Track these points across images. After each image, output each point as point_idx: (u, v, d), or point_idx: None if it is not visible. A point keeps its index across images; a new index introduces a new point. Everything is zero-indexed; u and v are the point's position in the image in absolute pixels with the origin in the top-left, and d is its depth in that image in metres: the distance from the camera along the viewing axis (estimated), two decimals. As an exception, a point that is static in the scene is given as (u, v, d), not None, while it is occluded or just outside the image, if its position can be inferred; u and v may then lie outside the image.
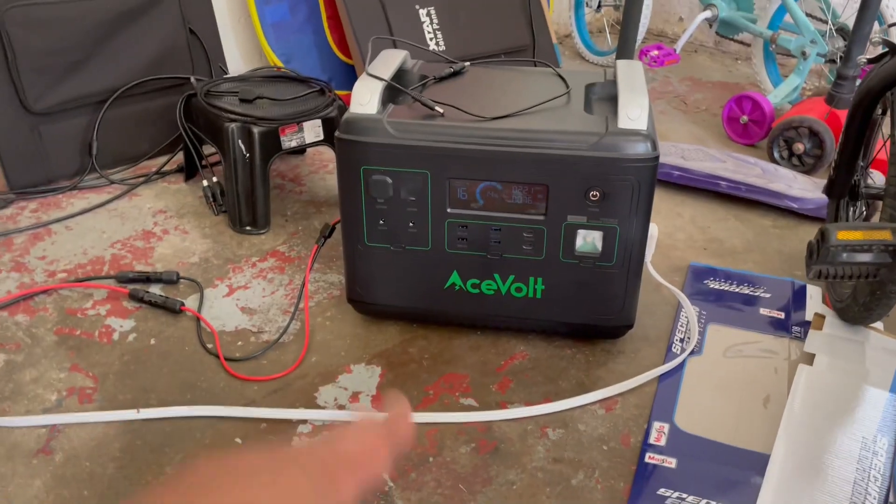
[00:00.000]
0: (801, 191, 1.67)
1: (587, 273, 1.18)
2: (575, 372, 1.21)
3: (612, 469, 1.03)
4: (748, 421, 1.10)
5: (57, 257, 1.51)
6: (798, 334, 1.28)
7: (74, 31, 1.74)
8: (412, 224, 1.18)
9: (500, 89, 1.27)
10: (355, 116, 1.15)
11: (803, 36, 2.05)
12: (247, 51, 2.26)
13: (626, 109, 1.11)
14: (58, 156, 1.78)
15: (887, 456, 1.02)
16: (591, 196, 1.11)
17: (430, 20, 2.18)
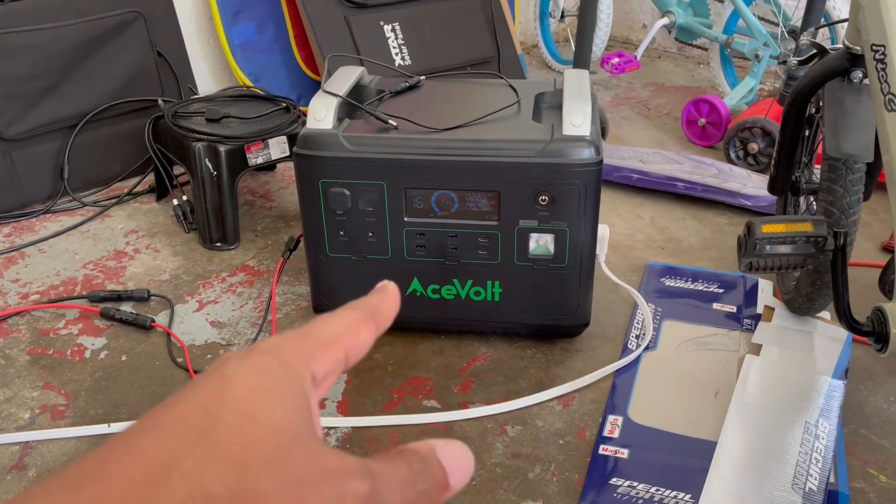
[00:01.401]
0: (754, 189, 1.73)
1: (542, 275, 1.22)
2: (534, 371, 1.26)
3: (567, 462, 1.07)
4: (699, 411, 1.15)
5: (30, 279, 1.54)
6: (749, 327, 1.33)
7: (44, 57, 1.78)
8: (371, 234, 1.22)
9: (453, 101, 1.32)
10: (312, 132, 1.19)
11: (756, 39, 2.11)
12: (216, 71, 2.30)
13: (571, 117, 1.16)
14: (30, 180, 1.81)
15: (829, 439, 1.06)
16: (541, 201, 1.16)
17: (395, 35, 2.23)
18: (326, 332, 0.27)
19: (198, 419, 0.22)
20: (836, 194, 1.11)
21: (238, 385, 0.23)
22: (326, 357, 0.26)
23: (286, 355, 0.24)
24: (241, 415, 0.22)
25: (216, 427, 0.21)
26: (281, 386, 0.23)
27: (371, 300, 0.29)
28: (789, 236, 0.96)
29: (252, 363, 0.24)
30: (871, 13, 1.00)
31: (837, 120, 1.09)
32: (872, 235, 1.65)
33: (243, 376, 0.23)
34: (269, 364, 0.24)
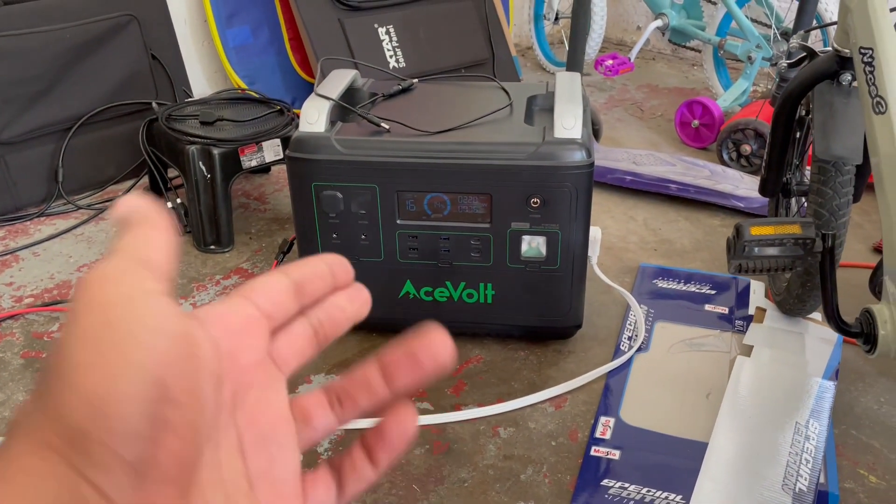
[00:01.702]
0: (747, 191, 1.74)
1: (534, 277, 1.23)
2: (527, 373, 1.26)
3: (559, 463, 1.08)
4: (690, 412, 1.15)
5: (24, 283, 1.54)
6: (741, 328, 1.34)
7: (39, 60, 1.78)
8: (364, 236, 1.23)
9: (446, 104, 1.33)
10: (304, 135, 1.19)
11: (749, 41, 2.12)
12: (211, 74, 2.31)
13: (562, 119, 1.16)
14: (25, 184, 1.81)
15: (819, 439, 1.07)
16: (533, 203, 1.17)
17: (389, 38, 2.24)
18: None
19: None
20: (825, 196, 1.12)
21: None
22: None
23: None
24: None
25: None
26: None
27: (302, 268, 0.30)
28: (778, 238, 0.97)
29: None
30: (858, 16, 1.01)
31: (827, 122, 1.10)
32: (864, 237, 1.66)
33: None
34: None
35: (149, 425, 0.21)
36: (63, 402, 0.21)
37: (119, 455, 0.21)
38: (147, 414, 0.21)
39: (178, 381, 0.22)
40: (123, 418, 0.21)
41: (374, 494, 1.03)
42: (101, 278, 0.23)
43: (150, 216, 0.26)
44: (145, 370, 0.21)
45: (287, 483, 0.28)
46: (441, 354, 0.28)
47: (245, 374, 0.27)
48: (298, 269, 0.30)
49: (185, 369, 0.22)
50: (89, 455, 0.21)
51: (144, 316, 0.22)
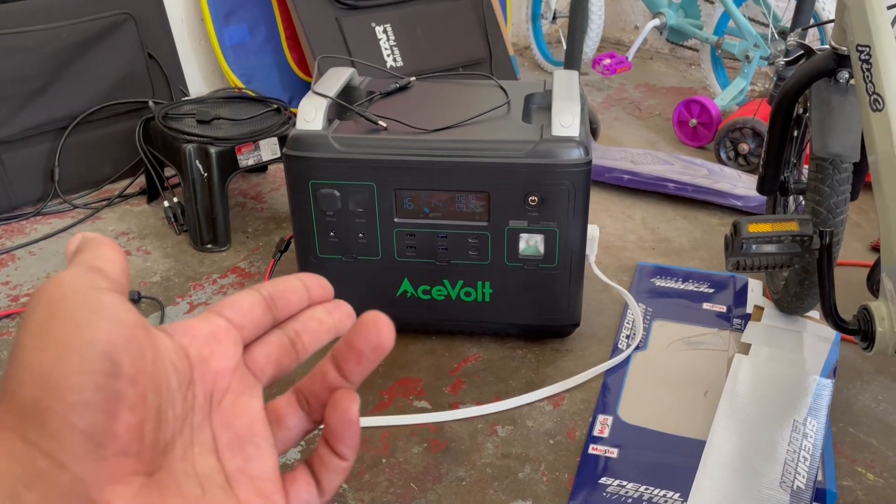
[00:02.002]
0: (745, 189, 1.74)
1: (532, 275, 1.23)
2: (525, 371, 1.26)
3: (557, 461, 1.07)
4: (688, 410, 1.15)
5: (20, 282, 1.54)
6: (739, 326, 1.33)
7: (35, 58, 1.78)
8: (362, 235, 1.23)
9: (443, 102, 1.33)
10: (301, 133, 1.19)
11: (746, 40, 2.12)
12: (208, 73, 2.30)
13: (560, 117, 1.16)
14: (21, 183, 1.81)
15: (817, 437, 1.07)
16: (530, 201, 1.16)
17: (386, 37, 2.23)
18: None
19: None
20: (823, 194, 1.12)
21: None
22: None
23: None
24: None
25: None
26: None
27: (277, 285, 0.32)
28: (775, 235, 0.96)
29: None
30: (856, 14, 1.01)
31: (824, 120, 1.10)
32: (862, 235, 1.66)
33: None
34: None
35: (101, 397, 0.22)
36: (16, 381, 0.22)
37: (72, 424, 0.22)
38: (98, 386, 0.22)
39: (130, 359, 0.23)
40: (73, 389, 0.22)
41: (372, 493, 1.03)
42: (54, 280, 0.24)
43: (100, 239, 0.28)
44: (93, 347, 0.22)
45: (266, 481, 0.29)
46: (375, 338, 0.30)
47: (219, 380, 0.29)
48: (271, 285, 0.31)
49: (137, 350, 0.24)
50: (43, 426, 0.22)
51: (93, 304, 0.23)
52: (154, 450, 0.25)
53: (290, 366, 0.32)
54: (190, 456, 0.27)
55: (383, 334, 0.30)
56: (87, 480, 0.22)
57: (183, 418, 0.27)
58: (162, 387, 0.25)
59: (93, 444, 0.22)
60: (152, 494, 0.24)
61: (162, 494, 0.25)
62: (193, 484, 0.27)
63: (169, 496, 0.25)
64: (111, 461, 0.23)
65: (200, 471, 0.27)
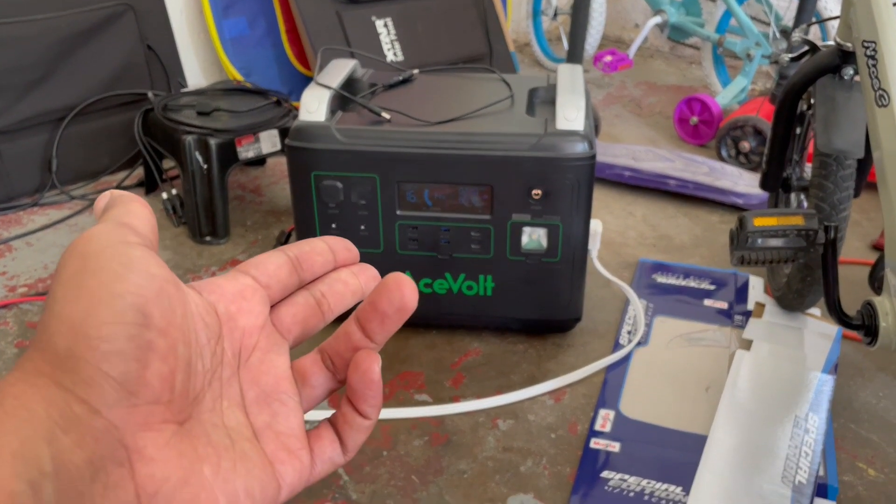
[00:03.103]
0: (746, 187, 1.74)
1: (534, 269, 1.22)
2: (526, 366, 1.25)
3: (559, 455, 1.07)
4: (690, 406, 1.15)
5: (18, 272, 1.53)
6: (740, 323, 1.33)
7: (33, 49, 1.76)
8: (364, 227, 1.22)
9: (447, 95, 1.32)
10: (304, 124, 1.18)
11: (748, 38, 2.12)
12: (206, 65, 2.29)
13: (564, 111, 1.16)
14: (18, 173, 1.80)
15: (818, 433, 1.07)
16: (534, 195, 1.16)
17: (387, 31, 2.23)
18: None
19: None
20: (826, 190, 1.11)
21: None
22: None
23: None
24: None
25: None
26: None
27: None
28: (781, 229, 0.96)
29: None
30: (861, 10, 1.01)
31: (828, 116, 1.10)
32: (862, 234, 1.66)
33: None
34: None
35: (133, 346, 0.23)
36: (50, 331, 0.23)
37: (104, 372, 0.23)
38: (129, 336, 0.23)
39: (160, 311, 0.24)
40: (105, 339, 0.23)
41: (373, 485, 1.02)
42: (86, 235, 0.25)
43: (128, 195, 0.28)
44: (124, 298, 0.23)
45: (291, 437, 0.30)
46: (398, 300, 0.30)
47: (247, 337, 0.30)
48: (296, 247, 0.32)
49: (167, 303, 0.24)
50: (77, 374, 0.22)
51: (124, 258, 0.24)
52: (184, 399, 0.25)
53: (317, 326, 0.32)
54: (219, 409, 0.28)
55: (406, 295, 0.30)
56: (119, 426, 0.23)
57: (212, 372, 0.28)
58: (191, 339, 0.26)
59: (125, 391, 0.23)
60: (183, 442, 0.25)
61: (192, 443, 0.26)
62: (223, 435, 0.27)
63: (199, 445, 0.26)
64: (143, 409, 0.23)
65: (229, 424, 0.28)
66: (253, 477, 0.27)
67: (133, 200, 0.28)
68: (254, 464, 0.28)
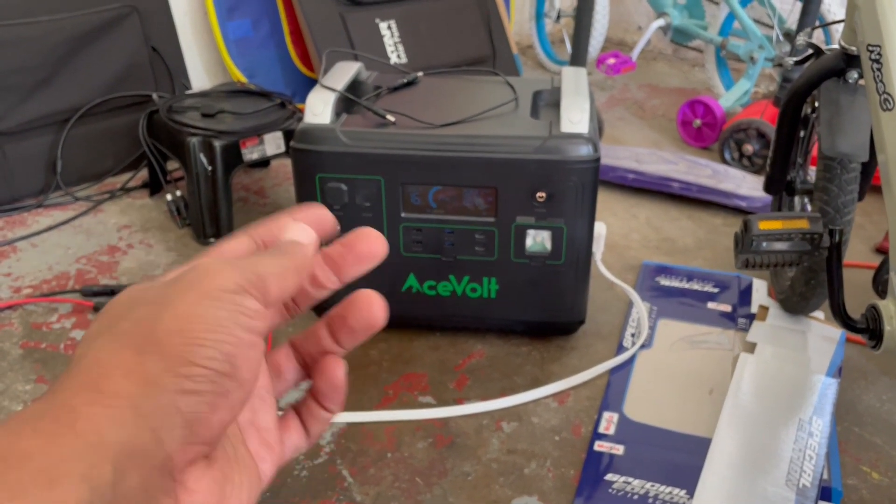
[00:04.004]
0: (749, 190, 1.74)
1: (538, 272, 1.22)
2: (530, 368, 1.26)
3: (563, 458, 1.07)
4: (694, 408, 1.15)
5: (22, 273, 1.53)
6: (744, 326, 1.33)
7: (38, 50, 1.77)
8: (368, 229, 1.22)
9: (451, 97, 1.32)
10: (309, 126, 1.18)
11: (751, 41, 2.12)
12: (210, 67, 2.29)
13: (569, 114, 1.16)
14: (23, 174, 1.80)
15: (822, 436, 1.07)
16: (538, 197, 1.16)
17: (390, 33, 2.23)
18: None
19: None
20: (831, 193, 1.12)
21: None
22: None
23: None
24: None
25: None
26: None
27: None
28: (786, 233, 0.96)
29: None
30: (866, 13, 1.01)
31: (833, 119, 1.10)
32: (866, 237, 1.66)
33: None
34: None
35: (211, 391, 0.24)
36: (143, 348, 0.24)
37: (178, 407, 0.24)
38: (212, 381, 0.24)
39: (247, 365, 0.25)
40: (190, 377, 0.24)
41: (378, 487, 1.02)
42: (214, 270, 0.26)
43: (299, 252, 0.30)
44: (219, 345, 0.24)
45: (269, 431, 0.31)
46: (367, 318, 0.32)
47: None
48: (264, 229, 0.32)
49: (254, 359, 0.26)
50: (155, 401, 0.23)
51: (235, 306, 0.25)
52: (221, 437, 0.26)
53: (284, 323, 0.34)
54: None
55: (375, 314, 0.32)
56: (174, 459, 0.24)
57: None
58: (253, 388, 0.27)
59: (189, 429, 0.24)
60: (212, 468, 0.26)
61: (216, 467, 0.27)
62: (228, 446, 0.28)
63: (220, 466, 0.27)
64: (196, 447, 0.25)
65: (230, 431, 0.29)
66: (251, 482, 0.29)
67: (291, 259, 0.29)
68: (248, 467, 0.29)
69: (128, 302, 0.26)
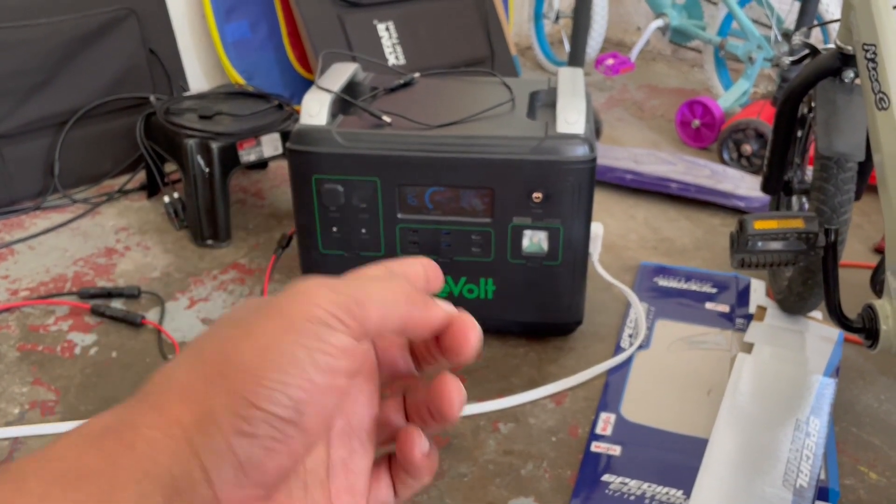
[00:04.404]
0: (748, 190, 1.73)
1: (535, 272, 1.22)
2: (527, 369, 1.25)
3: (559, 459, 1.07)
4: (691, 409, 1.15)
5: (20, 276, 1.53)
6: (742, 326, 1.33)
7: (36, 53, 1.77)
8: (364, 230, 1.22)
9: (448, 98, 1.32)
10: (305, 128, 1.18)
11: (749, 42, 2.12)
12: (208, 69, 2.30)
13: (565, 114, 1.16)
14: (21, 177, 1.80)
15: (820, 436, 1.06)
16: (535, 198, 1.16)
17: (388, 34, 2.23)
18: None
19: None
20: (827, 193, 1.11)
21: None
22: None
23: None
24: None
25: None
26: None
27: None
28: (781, 232, 0.96)
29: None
30: (862, 13, 1.01)
31: (829, 119, 1.10)
32: (864, 237, 1.66)
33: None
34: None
35: (269, 436, 0.23)
36: (208, 376, 0.23)
37: (233, 449, 0.23)
38: (272, 425, 0.23)
39: (315, 412, 0.24)
40: (247, 419, 0.23)
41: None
42: (307, 295, 0.25)
43: (406, 296, 0.28)
44: (287, 390, 0.23)
45: (359, 476, 0.29)
46: (451, 410, 0.29)
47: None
48: (401, 266, 0.31)
49: (327, 405, 0.24)
50: (210, 439, 0.22)
51: (316, 342, 0.24)
52: (280, 483, 0.25)
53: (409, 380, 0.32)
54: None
55: (454, 415, 0.30)
56: (222, 501, 0.23)
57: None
58: (321, 434, 0.25)
59: (242, 472, 0.23)
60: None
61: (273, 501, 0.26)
62: (299, 485, 0.27)
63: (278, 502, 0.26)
64: (248, 490, 0.23)
65: (309, 466, 0.27)
66: None
67: (396, 292, 0.27)
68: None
69: (228, 318, 0.25)
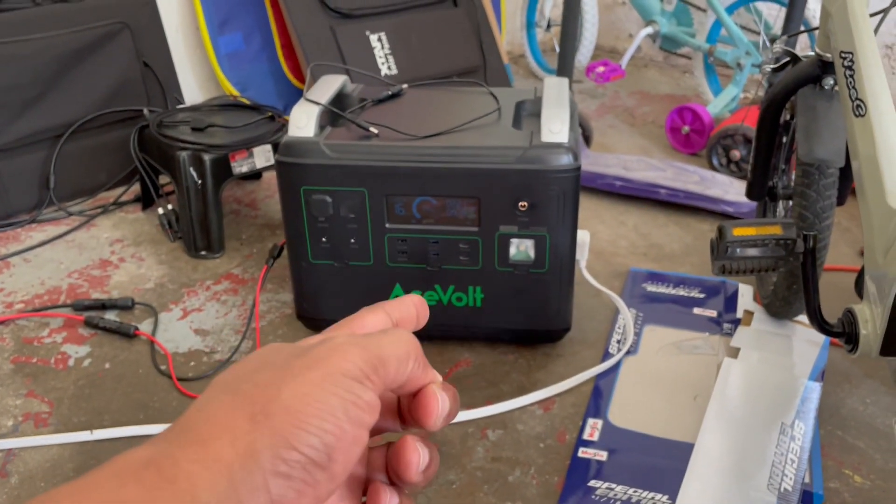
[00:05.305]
0: (736, 195, 1.75)
1: (522, 280, 1.24)
2: (516, 376, 1.27)
3: (547, 465, 1.08)
4: (678, 414, 1.16)
5: (15, 289, 1.54)
6: (729, 331, 1.34)
7: (31, 67, 1.79)
8: (353, 240, 1.24)
9: (435, 109, 1.34)
10: (293, 140, 1.20)
11: (738, 48, 2.14)
12: (203, 81, 2.32)
13: (549, 124, 1.17)
14: (16, 190, 1.82)
15: (805, 440, 1.07)
16: (520, 207, 1.17)
17: (381, 45, 2.25)
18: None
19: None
20: (809, 199, 1.13)
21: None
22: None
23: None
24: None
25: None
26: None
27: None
28: (759, 239, 0.98)
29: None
30: (839, 20, 1.02)
31: (810, 126, 1.11)
32: (852, 240, 1.67)
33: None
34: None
35: (301, 478, 0.25)
36: (255, 416, 0.25)
37: (268, 487, 0.24)
38: (305, 468, 0.25)
39: (344, 458, 0.26)
40: (284, 461, 0.24)
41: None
42: (339, 351, 0.27)
43: (406, 345, 0.31)
44: (322, 435, 0.25)
45: None
46: (408, 472, 0.33)
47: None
48: (397, 311, 0.35)
49: (353, 452, 0.26)
50: (249, 475, 0.24)
51: (348, 395, 0.26)
52: None
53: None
54: None
55: (413, 477, 0.34)
56: None
57: None
58: (343, 478, 0.27)
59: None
60: None
61: None
62: None
63: None
64: None
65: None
66: None
67: (409, 340, 0.31)
68: None
69: (259, 361, 0.27)
